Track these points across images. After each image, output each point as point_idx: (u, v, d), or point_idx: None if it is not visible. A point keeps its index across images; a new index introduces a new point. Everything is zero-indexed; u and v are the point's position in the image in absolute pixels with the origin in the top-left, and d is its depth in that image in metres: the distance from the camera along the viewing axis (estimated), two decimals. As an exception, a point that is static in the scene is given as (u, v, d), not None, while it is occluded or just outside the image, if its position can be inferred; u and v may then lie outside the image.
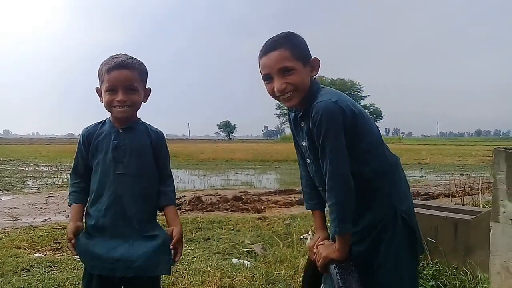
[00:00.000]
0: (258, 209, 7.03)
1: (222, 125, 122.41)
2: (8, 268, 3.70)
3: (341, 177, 1.68)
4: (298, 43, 1.79)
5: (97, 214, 1.90)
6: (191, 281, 3.35)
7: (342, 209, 1.68)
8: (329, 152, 1.68)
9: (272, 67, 1.75)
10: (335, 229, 1.70)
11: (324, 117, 1.67)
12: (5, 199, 8.50)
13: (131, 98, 1.89)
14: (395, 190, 1.83)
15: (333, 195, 1.68)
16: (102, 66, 1.91)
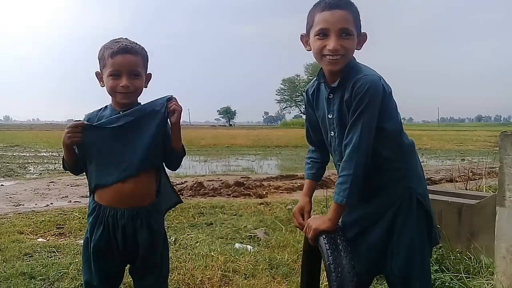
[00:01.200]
0: (260, 194, 7.04)
1: (223, 111, 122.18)
2: (11, 253, 3.70)
3: (366, 151, 1.70)
4: (358, 13, 1.76)
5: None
6: (195, 265, 3.35)
7: (356, 181, 1.70)
8: (362, 125, 1.69)
9: (334, 24, 1.71)
10: (342, 199, 1.71)
11: (369, 91, 1.67)
12: (7, 185, 8.51)
13: (134, 83, 1.87)
14: (412, 173, 1.85)
15: (352, 166, 1.70)
16: (104, 50, 1.87)
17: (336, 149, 1.86)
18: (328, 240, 1.75)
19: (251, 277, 3.19)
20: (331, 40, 1.71)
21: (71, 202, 6.53)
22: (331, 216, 1.76)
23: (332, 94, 1.82)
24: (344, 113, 1.77)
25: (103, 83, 1.91)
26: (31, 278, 3.13)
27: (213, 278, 3.11)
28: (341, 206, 1.75)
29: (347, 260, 1.69)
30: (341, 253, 1.71)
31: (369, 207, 1.81)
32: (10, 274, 3.15)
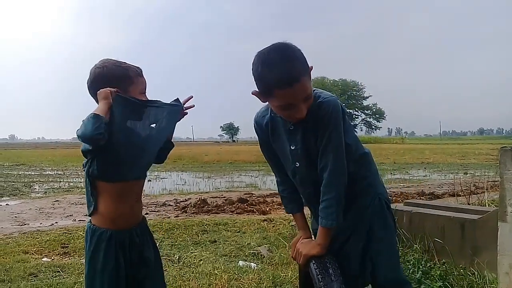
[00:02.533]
0: (264, 210, 7.03)
1: (226, 127, 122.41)
2: (16, 273, 3.71)
3: (343, 171, 1.76)
4: (305, 62, 1.69)
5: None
6: (199, 284, 3.36)
7: (341, 202, 1.75)
8: (335, 148, 1.74)
9: (297, 98, 1.67)
10: (332, 222, 1.75)
11: (333, 113, 1.72)
12: (12, 204, 8.54)
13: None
14: (376, 179, 1.95)
15: (333, 189, 1.74)
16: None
17: (306, 179, 1.88)
18: (318, 265, 1.77)
19: (255, 295, 3.19)
20: (299, 110, 1.70)
21: (75, 221, 6.54)
22: (320, 241, 1.79)
23: (293, 126, 1.81)
24: (309, 142, 1.80)
25: None
26: (36, 298, 3.14)
27: (217, 296, 3.12)
28: (330, 229, 1.78)
29: (338, 285, 1.71)
30: (332, 277, 1.73)
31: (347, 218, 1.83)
32: (15, 294, 3.17)
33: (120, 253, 1.83)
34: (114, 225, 1.82)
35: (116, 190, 1.80)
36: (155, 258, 1.97)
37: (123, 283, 1.85)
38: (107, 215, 1.81)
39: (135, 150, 1.80)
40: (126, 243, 1.85)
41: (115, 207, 1.81)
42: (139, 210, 1.94)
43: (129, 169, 1.80)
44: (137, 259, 1.90)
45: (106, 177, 1.78)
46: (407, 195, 8.04)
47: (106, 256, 1.81)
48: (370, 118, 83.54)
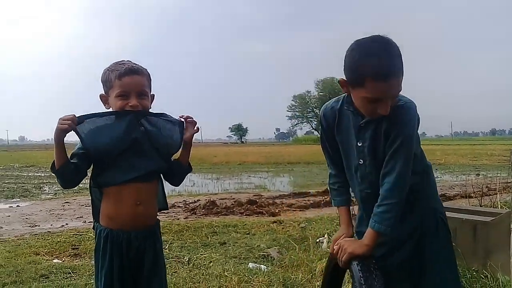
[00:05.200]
0: (273, 212, 7.02)
1: (234, 128, 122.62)
2: (28, 275, 3.74)
3: (408, 179, 1.71)
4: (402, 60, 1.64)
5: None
6: (209, 286, 3.36)
7: (399, 211, 1.71)
8: (406, 154, 1.70)
9: (389, 94, 1.64)
10: (387, 228, 1.70)
11: (412, 119, 1.71)
12: (23, 206, 8.63)
13: (142, 103, 1.89)
14: (432, 192, 1.88)
15: (396, 194, 1.69)
16: (109, 72, 1.90)
17: (366, 177, 1.85)
18: (362, 266, 1.71)
19: (265, 297, 3.18)
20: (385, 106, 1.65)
21: (85, 222, 6.58)
22: (368, 242, 1.73)
23: (365, 122, 1.78)
24: (378, 142, 1.75)
25: (108, 105, 1.94)
26: (48, 299, 3.16)
27: (227, 299, 3.11)
28: (380, 234, 1.72)
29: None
30: (375, 281, 1.69)
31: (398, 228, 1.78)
32: (26, 296, 3.19)
33: (116, 253, 1.85)
34: (112, 225, 1.86)
35: (111, 193, 1.86)
36: (155, 266, 1.94)
37: (118, 284, 1.86)
38: (106, 215, 1.88)
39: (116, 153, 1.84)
40: (123, 245, 1.86)
41: (112, 208, 1.86)
42: (144, 215, 1.89)
43: (114, 174, 1.84)
44: (134, 263, 1.89)
45: (96, 182, 1.88)
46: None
47: (103, 255, 1.86)
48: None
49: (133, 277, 1.92)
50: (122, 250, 1.86)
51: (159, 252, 1.99)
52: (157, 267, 1.96)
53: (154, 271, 1.94)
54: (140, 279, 1.92)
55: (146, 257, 1.91)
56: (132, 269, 1.90)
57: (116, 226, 1.86)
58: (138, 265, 1.90)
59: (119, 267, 1.86)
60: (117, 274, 1.86)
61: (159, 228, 2.04)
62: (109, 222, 1.87)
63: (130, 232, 1.87)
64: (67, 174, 1.82)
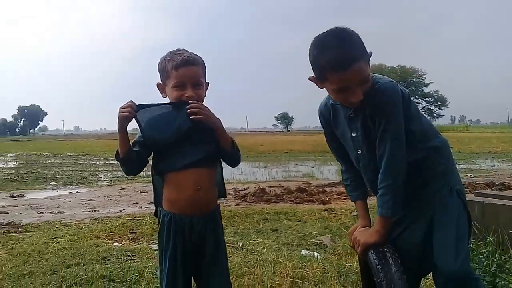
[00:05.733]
0: (323, 200, 6.98)
1: (280, 116, 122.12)
2: (90, 257, 3.92)
3: (400, 158, 1.71)
4: (363, 45, 1.71)
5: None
6: (263, 271, 3.38)
7: (398, 191, 1.71)
8: (392, 134, 1.70)
9: (353, 81, 1.68)
10: (388, 211, 1.72)
11: (390, 98, 1.70)
12: (82, 192, 9.06)
13: (198, 93, 1.93)
14: (449, 168, 1.85)
15: (390, 176, 1.71)
16: (166, 62, 1.93)
17: (367, 166, 1.86)
18: (377, 254, 1.73)
19: (321, 284, 3.17)
20: (355, 94, 1.70)
21: (141, 208, 6.82)
22: (378, 228, 1.76)
23: (353, 112, 1.80)
24: (370, 128, 1.77)
25: (165, 94, 1.99)
26: (110, 280, 3.30)
27: (282, 284, 3.12)
28: (387, 218, 1.74)
29: (398, 275, 1.66)
30: (392, 267, 1.67)
31: (411, 205, 1.79)
32: (90, 276, 3.34)
33: (179, 237, 1.90)
34: (174, 209, 1.91)
35: (171, 179, 1.92)
36: (216, 252, 1.97)
37: (181, 267, 1.92)
38: (167, 199, 1.94)
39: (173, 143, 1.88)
40: (185, 229, 1.90)
41: (173, 193, 1.91)
42: (204, 200, 1.93)
43: (173, 160, 1.89)
44: (196, 248, 1.94)
45: (157, 169, 1.94)
46: (475, 186, 7.66)
47: (166, 238, 1.92)
48: (432, 106, 79.75)
49: (195, 261, 1.96)
50: (185, 234, 1.91)
51: (220, 236, 2.02)
52: (219, 252, 1.99)
53: (215, 256, 1.97)
54: (202, 263, 1.97)
55: (208, 241, 1.95)
56: (194, 253, 1.94)
57: (178, 211, 1.91)
58: (200, 249, 1.94)
59: (182, 251, 1.92)
60: (180, 258, 1.92)
61: (220, 213, 2.07)
62: (171, 206, 1.93)
63: (191, 216, 1.91)
64: (131, 162, 1.91)
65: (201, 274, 1.99)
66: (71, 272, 3.47)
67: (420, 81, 77.97)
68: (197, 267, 1.98)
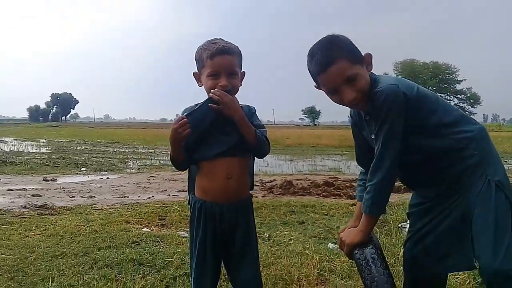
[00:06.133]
0: (351, 195, 6.89)
1: (307, 110, 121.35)
2: (120, 241, 4.01)
3: (389, 160, 1.72)
4: (348, 47, 1.78)
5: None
6: (290, 262, 3.39)
7: (380, 191, 1.75)
8: (384, 135, 1.72)
9: (335, 82, 1.76)
10: (366, 209, 1.76)
11: (386, 101, 1.70)
12: (112, 178, 9.26)
13: (232, 82, 1.93)
14: (485, 159, 1.78)
15: (376, 175, 1.74)
16: (202, 51, 1.95)
17: None
18: (361, 254, 1.77)
19: (348, 278, 3.15)
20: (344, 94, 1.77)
21: (170, 195, 6.92)
22: (362, 228, 1.80)
23: (368, 116, 1.85)
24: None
25: (201, 83, 2.00)
26: (140, 264, 3.36)
27: (309, 276, 3.12)
28: (369, 216, 1.77)
29: (380, 271, 1.68)
30: (374, 265, 1.71)
31: (442, 198, 1.78)
32: (121, 259, 3.42)
33: (209, 224, 1.93)
34: (205, 197, 1.94)
35: (204, 168, 1.96)
36: (246, 240, 1.99)
37: (210, 254, 1.95)
38: (200, 187, 1.98)
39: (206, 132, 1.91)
40: (216, 217, 1.93)
41: (205, 181, 1.95)
42: (235, 188, 1.94)
43: (206, 149, 1.93)
44: (226, 235, 1.96)
45: (193, 158, 1.97)
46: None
47: (197, 225, 1.96)
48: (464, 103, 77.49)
49: (226, 249, 1.99)
50: (215, 222, 1.93)
51: (251, 226, 2.04)
52: (249, 241, 2.01)
53: (246, 245, 1.99)
54: (232, 251, 1.99)
55: (238, 230, 1.97)
56: (224, 241, 1.97)
57: (209, 198, 1.94)
58: (230, 237, 1.96)
59: (212, 238, 1.94)
60: (210, 245, 1.95)
61: (251, 203, 2.09)
62: (203, 194, 1.96)
63: (222, 204, 1.93)
64: (183, 165, 2.00)
65: (231, 262, 2.02)
66: (102, 255, 3.56)
67: (452, 78, 75.77)
68: (228, 255, 2.01)
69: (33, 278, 3.08)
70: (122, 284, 2.98)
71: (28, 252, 3.67)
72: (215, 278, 2.02)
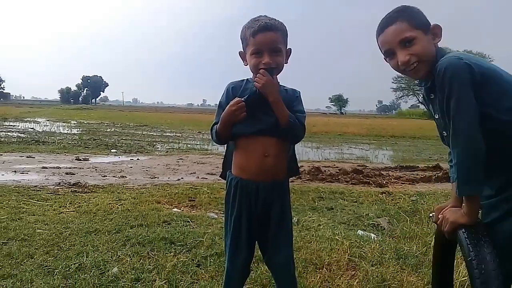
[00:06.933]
0: (380, 183, 6.82)
1: (334, 98, 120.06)
2: (152, 220, 4.09)
3: (467, 135, 1.56)
4: (413, 13, 1.73)
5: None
6: (320, 247, 3.39)
7: (463, 170, 1.58)
8: (452, 110, 1.57)
9: (391, 42, 1.72)
10: (456, 191, 1.62)
11: (447, 74, 1.57)
12: (142, 159, 9.42)
13: (276, 60, 1.91)
14: None
15: (455, 154, 1.59)
16: (245, 30, 1.94)
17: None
18: (469, 234, 1.62)
19: (378, 264, 3.13)
20: (398, 55, 1.72)
21: (199, 178, 7.01)
22: (466, 210, 1.65)
23: (432, 94, 1.75)
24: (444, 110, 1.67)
25: (246, 62, 1.99)
26: (171, 243, 3.43)
27: (340, 261, 3.12)
28: (467, 198, 1.62)
29: (491, 257, 1.56)
30: (484, 248, 1.58)
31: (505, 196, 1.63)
32: (153, 238, 3.49)
33: (244, 201, 1.94)
34: (242, 174, 1.95)
35: (241, 145, 1.97)
36: (281, 220, 1.98)
37: (245, 232, 1.95)
38: (236, 164, 1.99)
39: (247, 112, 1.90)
40: (251, 195, 1.93)
41: (242, 158, 1.96)
42: (271, 167, 1.93)
43: (244, 126, 1.92)
44: (261, 214, 1.95)
45: (232, 132, 1.96)
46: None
47: (232, 202, 1.97)
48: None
49: (261, 227, 1.98)
50: (251, 200, 1.94)
51: (286, 207, 2.03)
52: (284, 221, 2.00)
53: (281, 224, 1.98)
54: (267, 230, 1.98)
55: (273, 209, 1.96)
56: (260, 219, 1.96)
57: (245, 176, 1.94)
58: (266, 216, 1.96)
59: (247, 215, 1.95)
60: (245, 222, 1.95)
61: (288, 184, 2.08)
62: (240, 171, 1.97)
63: (258, 182, 1.93)
64: (226, 139, 2.02)
65: (266, 241, 2.01)
66: (135, 232, 3.64)
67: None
68: (262, 234, 2.01)
69: (68, 252, 3.18)
70: (155, 261, 3.05)
71: (63, 227, 3.79)
72: (249, 257, 2.03)
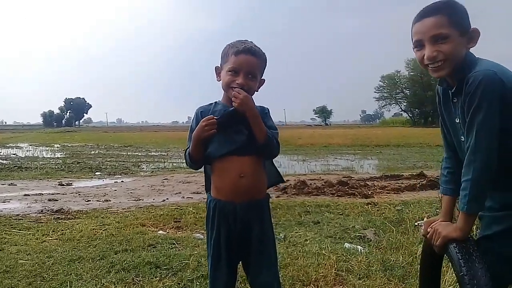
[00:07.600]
0: (366, 194, 6.85)
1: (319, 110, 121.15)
2: (137, 244, 4.03)
3: (485, 153, 1.56)
4: (458, 11, 1.67)
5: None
6: (307, 263, 3.38)
7: (477, 187, 1.57)
8: (478, 125, 1.55)
9: (425, 33, 1.67)
10: (463, 206, 1.60)
11: (480, 87, 1.55)
12: (126, 181, 9.32)
13: (249, 83, 1.92)
14: None
15: (470, 170, 1.57)
16: (229, 47, 1.97)
17: None
18: (460, 249, 1.62)
19: (365, 277, 3.13)
20: (426, 49, 1.68)
21: (184, 197, 6.96)
22: (461, 226, 1.63)
23: (456, 98, 1.72)
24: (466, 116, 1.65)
25: (219, 78, 2.00)
26: (157, 267, 3.37)
27: (327, 276, 3.10)
28: (468, 214, 1.61)
29: (483, 272, 1.57)
30: (476, 263, 1.58)
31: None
32: (138, 263, 3.44)
33: (223, 223, 1.93)
34: (219, 196, 1.95)
35: (217, 166, 1.97)
36: (262, 240, 1.97)
37: (225, 253, 1.94)
38: (214, 186, 1.99)
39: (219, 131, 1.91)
40: (229, 216, 1.92)
41: (218, 180, 1.97)
42: (248, 187, 1.92)
43: (217, 146, 1.93)
44: (241, 235, 1.94)
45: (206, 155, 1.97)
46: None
47: (211, 224, 1.96)
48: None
49: (242, 248, 1.97)
50: (229, 221, 1.93)
51: (267, 225, 2.01)
52: (265, 241, 1.99)
53: (262, 245, 1.97)
54: (250, 251, 1.97)
55: (253, 229, 1.95)
56: (240, 240, 1.95)
57: (223, 197, 1.94)
58: (246, 237, 1.95)
59: (226, 237, 1.94)
60: (224, 243, 1.94)
61: (268, 203, 2.06)
62: (217, 193, 1.97)
63: (235, 203, 1.92)
64: (199, 163, 2.02)
65: (249, 262, 2.00)
66: (119, 258, 3.58)
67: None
68: (245, 256, 2.00)
69: (51, 283, 3.11)
70: (140, 287, 2.99)
71: (46, 257, 3.71)
72: (230, 280, 2.00)
